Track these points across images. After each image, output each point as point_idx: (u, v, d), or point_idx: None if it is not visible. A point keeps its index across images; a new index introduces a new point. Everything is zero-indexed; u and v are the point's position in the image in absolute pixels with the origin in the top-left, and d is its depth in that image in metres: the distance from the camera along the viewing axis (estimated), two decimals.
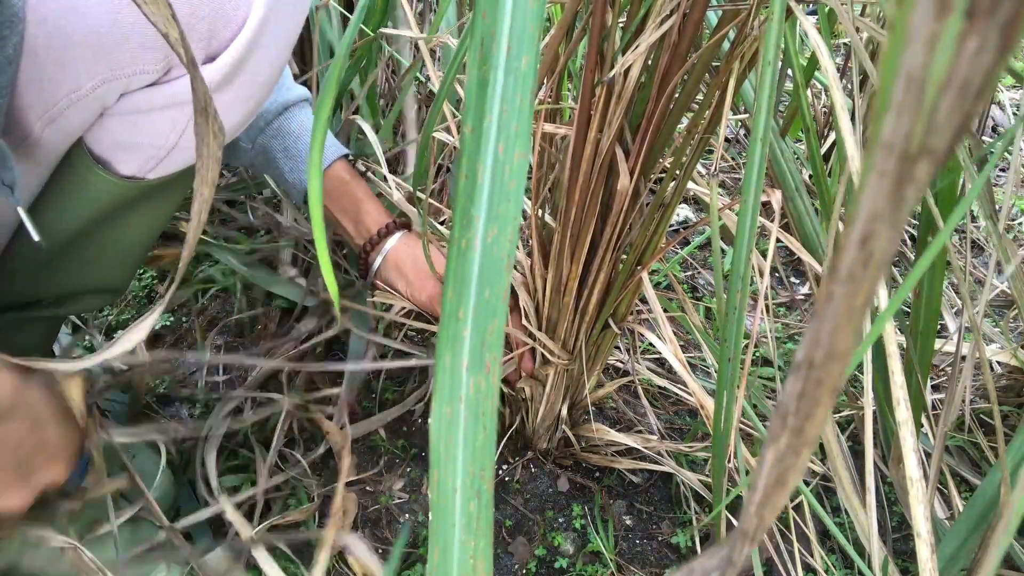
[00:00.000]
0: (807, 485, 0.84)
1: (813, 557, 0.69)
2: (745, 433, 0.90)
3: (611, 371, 1.04)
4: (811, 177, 1.22)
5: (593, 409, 0.96)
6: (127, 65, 0.50)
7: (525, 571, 0.80)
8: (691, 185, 0.70)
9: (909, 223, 1.43)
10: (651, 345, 0.86)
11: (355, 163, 1.00)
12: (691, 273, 1.30)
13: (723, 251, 1.24)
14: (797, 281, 1.33)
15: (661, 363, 1.04)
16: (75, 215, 0.60)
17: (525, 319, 0.76)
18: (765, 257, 0.57)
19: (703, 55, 0.54)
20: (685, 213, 1.47)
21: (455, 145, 0.87)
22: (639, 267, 0.68)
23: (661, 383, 0.90)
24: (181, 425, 0.89)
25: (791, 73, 0.92)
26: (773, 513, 0.18)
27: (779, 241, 0.64)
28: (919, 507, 0.42)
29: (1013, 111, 1.84)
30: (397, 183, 0.91)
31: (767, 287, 0.67)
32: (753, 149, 0.45)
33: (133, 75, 0.51)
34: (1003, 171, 1.67)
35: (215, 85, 0.53)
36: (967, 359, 0.77)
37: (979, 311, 0.83)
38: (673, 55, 0.53)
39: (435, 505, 0.21)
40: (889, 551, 0.83)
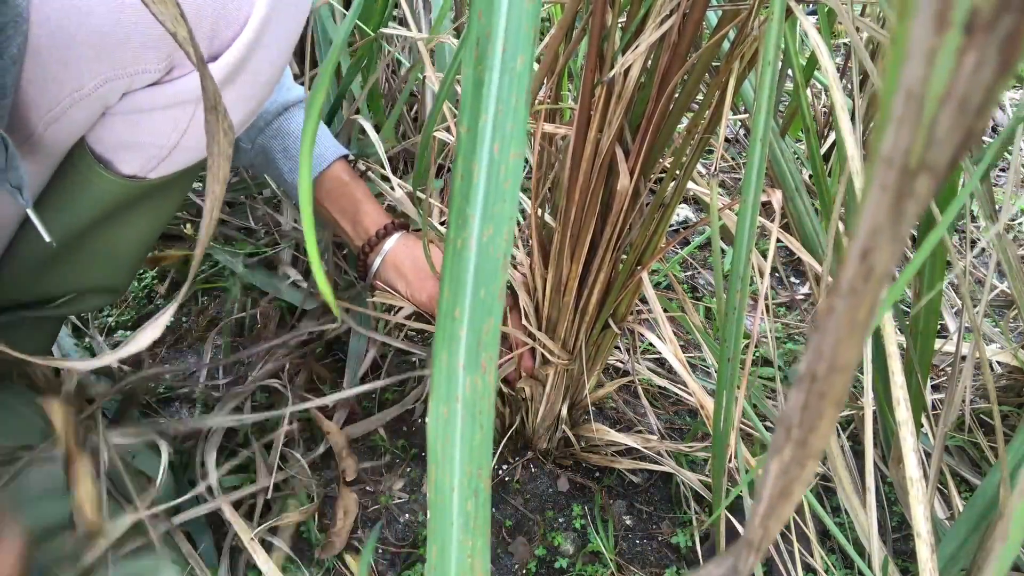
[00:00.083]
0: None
1: (813, 557, 0.69)
2: (745, 433, 0.90)
3: (611, 371, 1.04)
4: (811, 177, 1.22)
5: (593, 409, 0.96)
6: (129, 64, 0.50)
7: (525, 571, 0.80)
8: (691, 185, 0.71)
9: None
10: (651, 345, 0.86)
11: (355, 163, 1.00)
12: (691, 273, 1.30)
13: (723, 251, 1.24)
14: (797, 281, 1.33)
15: (661, 363, 1.04)
16: (76, 214, 0.60)
17: (525, 319, 0.76)
18: (765, 257, 0.57)
19: (703, 55, 0.54)
20: (685, 213, 1.47)
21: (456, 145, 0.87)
22: (639, 267, 0.68)
23: (661, 383, 0.90)
24: (181, 425, 0.89)
25: (791, 73, 0.92)
26: (778, 524, 0.18)
27: (779, 241, 0.64)
28: (919, 507, 0.42)
29: (1013, 111, 1.84)
30: (399, 184, 0.91)
31: (767, 287, 0.67)
32: (753, 149, 0.45)
33: (135, 74, 0.51)
34: (1003, 171, 1.67)
35: (217, 84, 0.53)
36: (967, 359, 0.77)
37: (979, 311, 0.83)
38: (673, 55, 0.53)
39: (433, 504, 0.21)
40: (889, 551, 0.83)
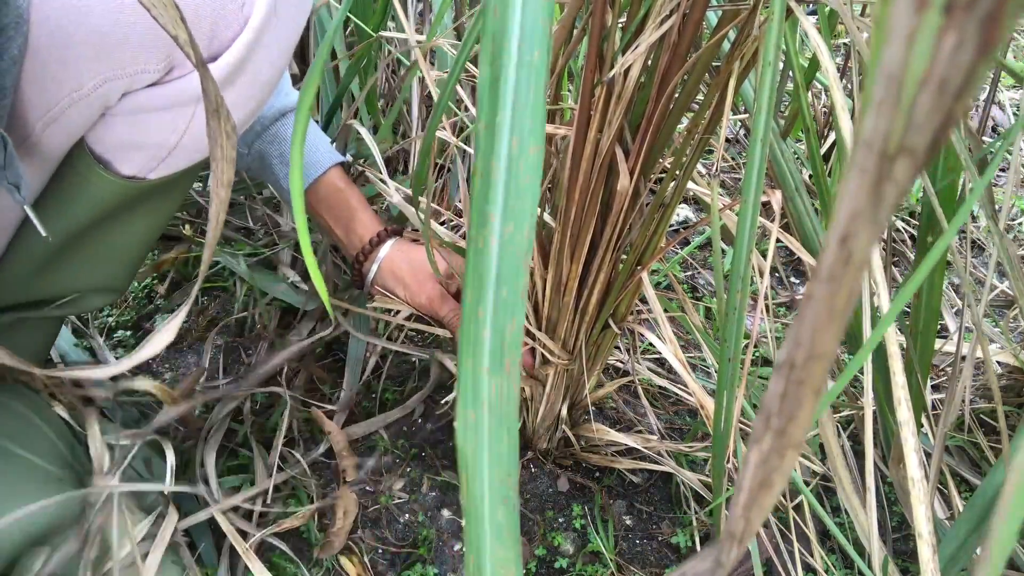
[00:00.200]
0: (807, 485, 0.84)
1: (813, 557, 0.69)
2: (745, 433, 0.90)
3: (611, 371, 1.04)
4: (811, 177, 1.22)
5: (593, 409, 0.96)
6: (129, 65, 0.50)
7: (525, 571, 0.80)
8: (691, 185, 0.70)
9: (909, 223, 1.43)
10: (651, 345, 0.86)
11: (352, 166, 1.00)
12: (691, 273, 1.30)
13: (723, 251, 1.24)
14: (797, 281, 1.33)
15: (661, 363, 1.04)
16: (76, 215, 0.60)
17: (524, 319, 0.76)
18: (765, 257, 0.57)
19: (703, 55, 0.54)
20: (685, 213, 1.47)
21: (456, 145, 0.87)
22: (639, 267, 0.68)
23: (661, 383, 0.90)
24: (181, 425, 0.89)
25: (791, 73, 0.92)
26: (760, 515, 0.18)
27: (779, 241, 0.64)
28: (920, 507, 0.42)
29: (1013, 111, 1.84)
30: (396, 187, 0.91)
31: (767, 287, 0.67)
32: (753, 149, 0.45)
33: (135, 75, 0.51)
34: (1003, 171, 1.67)
35: (217, 84, 0.53)
36: (967, 359, 0.77)
37: (980, 311, 0.83)
38: (673, 55, 0.53)
39: (467, 512, 0.20)
40: (889, 551, 0.83)
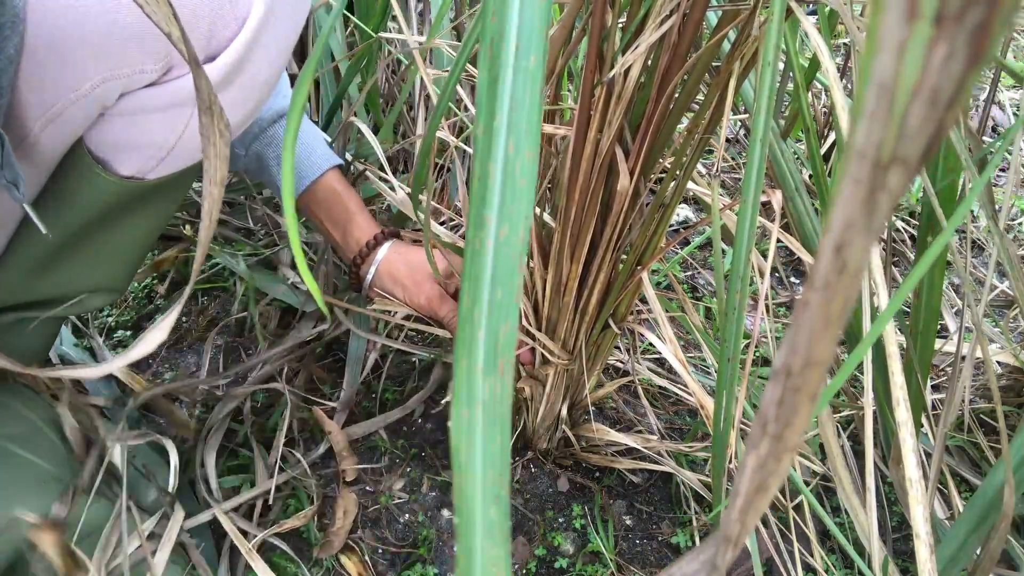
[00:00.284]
0: (807, 485, 0.84)
1: (813, 557, 0.69)
2: (745, 433, 0.90)
3: (611, 371, 1.04)
4: (811, 177, 1.22)
5: (593, 409, 0.96)
6: (126, 65, 0.50)
7: (525, 571, 0.80)
8: (691, 185, 0.70)
9: (909, 223, 1.43)
10: (651, 345, 0.86)
11: (352, 165, 1.00)
12: (691, 273, 1.30)
13: (723, 251, 1.24)
14: (797, 281, 1.33)
15: (661, 363, 1.04)
16: (75, 215, 0.60)
17: (525, 319, 0.76)
18: (765, 257, 0.57)
19: (703, 55, 0.54)
20: (685, 213, 1.47)
21: (456, 145, 0.87)
22: (639, 267, 0.68)
23: (661, 383, 0.90)
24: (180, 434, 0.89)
25: (791, 74, 0.91)
26: (755, 518, 0.18)
27: (779, 241, 0.64)
28: (919, 507, 0.42)
29: (1013, 111, 1.84)
30: (399, 185, 0.91)
31: (767, 287, 0.67)
32: (753, 149, 0.45)
33: (132, 75, 0.51)
34: (1003, 171, 1.67)
35: (215, 85, 0.53)
36: (967, 359, 0.77)
37: (980, 311, 0.82)
38: (673, 55, 0.53)
39: (459, 511, 0.21)
40: (889, 551, 0.83)
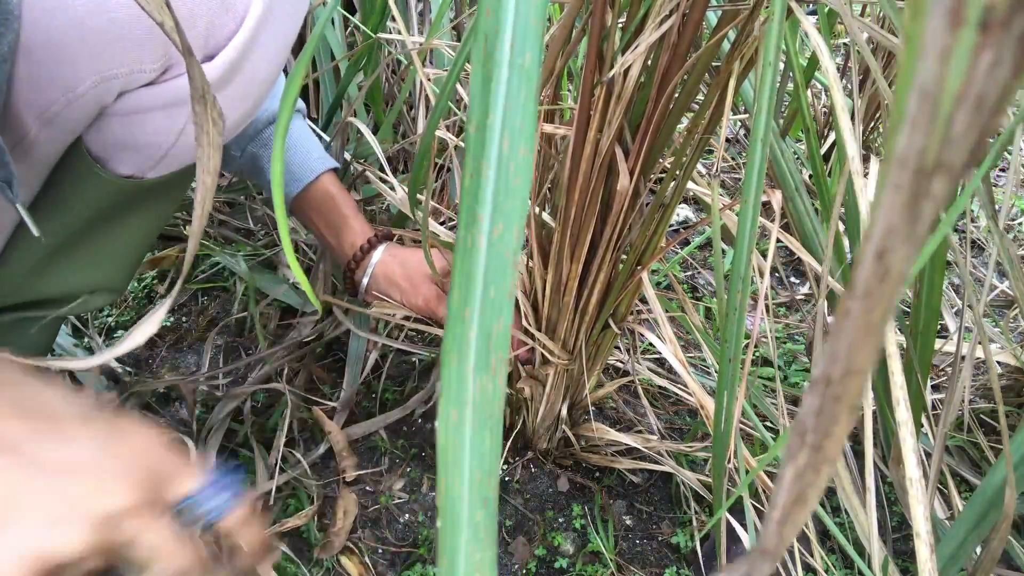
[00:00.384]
0: None
1: (813, 557, 0.69)
2: (745, 433, 0.90)
3: (611, 371, 1.04)
4: (811, 177, 1.21)
5: (593, 409, 0.96)
6: (124, 64, 0.50)
7: (525, 571, 0.80)
8: (691, 185, 0.70)
9: None
10: (651, 345, 0.86)
11: (351, 165, 1.00)
12: (691, 273, 1.30)
13: (723, 251, 1.24)
14: (797, 281, 1.33)
15: (661, 363, 1.04)
16: (74, 214, 0.60)
17: (524, 319, 0.76)
18: (765, 257, 0.57)
19: (703, 55, 0.54)
20: (685, 213, 1.47)
21: (455, 145, 0.87)
22: (639, 267, 0.68)
23: (661, 383, 0.90)
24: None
25: (791, 73, 0.91)
26: (794, 531, 0.18)
27: (779, 241, 0.64)
28: (919, 507, 0.42)
29: (1013, 111, 1.84)
30: (399, 185, 0.91)
31: (767, 287, 0.67)
32: (753, 149, 0.45)
33: (131, 74, 0.51)
34: (1003, 171, 1.67)
35: (214, 83, 0.52)
36: (967, 359, 0.77)
37: (980, 311, 0.82)
38: (673, 55, 0.53)
39: (443, 512, 0.20)
40: (889, 551, 0.83)
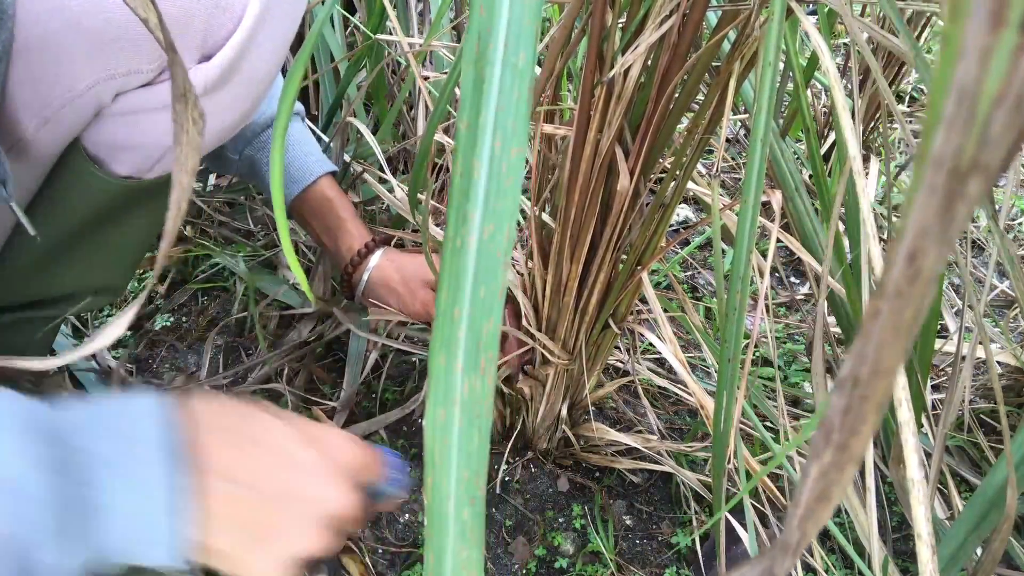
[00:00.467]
0: None
1: (813, 557, 0.68)
2: (745, 433, 0.90)
3: (611, 371, 1.04)
4: (811, 177, 1.21)
5: (593, 409, 0.96)
6: (121, 65, 0.50)
7: (525, 571, 0.80)
8: (691, 185, 0.70)
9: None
10: (651, 345, 0.86)
11: (350, 166, 1.00)
12: (691, 273, 1.30)
13: (723, 251, 1.24)
14: (797, 281, 1.33)
15: (661, 363, 1.04)
16: (72, 215, 0.60)
17: (524, 319, 0.76)
18: (765, 257, 0.56)
19: (703, 55, 0.53)
20: (685, 213, 1.47)
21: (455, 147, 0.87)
22: (639, 267, 0.68)
23: (661, 383, 0.89)
24: None
25: (791, 73, 0.91)
26: (816, 527, 0.18)
27: (779, 241, 0.64)
28: (920, 508, 0.42)
29: None
30: (399, 186, 0.91)
31: (767, 287, 0.67)
32: (753, 149, 0.45)
33: (128, 75, 0.51)
34: (1003, 171, 1.67)
35: (212, 84, 0.52)
36: (967, 359, 0.77)
37: (980, 311, 0.82)
38: (673, 55, 0.53)
39: (430, 510, 0.20)
40: (889, 551, 0.83)
